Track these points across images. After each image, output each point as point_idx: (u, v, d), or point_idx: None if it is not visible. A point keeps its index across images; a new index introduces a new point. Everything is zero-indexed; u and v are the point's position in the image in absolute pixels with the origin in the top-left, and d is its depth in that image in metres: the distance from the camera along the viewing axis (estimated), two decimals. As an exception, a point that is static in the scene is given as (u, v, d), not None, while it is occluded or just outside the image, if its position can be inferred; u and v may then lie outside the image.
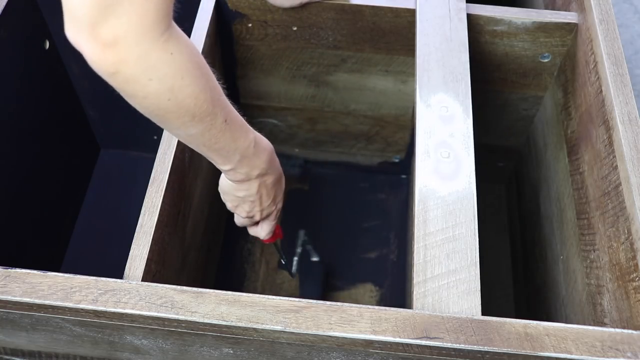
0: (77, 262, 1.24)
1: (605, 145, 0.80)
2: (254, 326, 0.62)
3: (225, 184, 0.80)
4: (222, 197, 0.83)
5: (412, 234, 0.72)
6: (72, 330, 0.72)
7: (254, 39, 1.04)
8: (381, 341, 0.62)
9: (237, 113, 0.70)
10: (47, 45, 1.13)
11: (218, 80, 0.66)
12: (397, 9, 0.96)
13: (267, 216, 0.86)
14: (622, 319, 0.71)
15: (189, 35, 0.92)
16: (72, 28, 0.54)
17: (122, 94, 0.60)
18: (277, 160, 0.80)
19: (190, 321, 0.63)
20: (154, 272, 0.74)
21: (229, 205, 0.84)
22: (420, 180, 0.75)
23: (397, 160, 1.28)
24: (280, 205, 0.87)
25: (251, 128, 0.73)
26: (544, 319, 0.74)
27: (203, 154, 0.71)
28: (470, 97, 0.83)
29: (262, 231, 0.89)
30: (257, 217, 0.85)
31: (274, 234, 0.92)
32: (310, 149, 1.27)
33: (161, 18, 0.54)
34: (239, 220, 0.88)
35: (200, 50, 0.90)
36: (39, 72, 1.12)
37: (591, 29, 0.88)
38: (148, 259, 0.71)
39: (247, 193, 0.79)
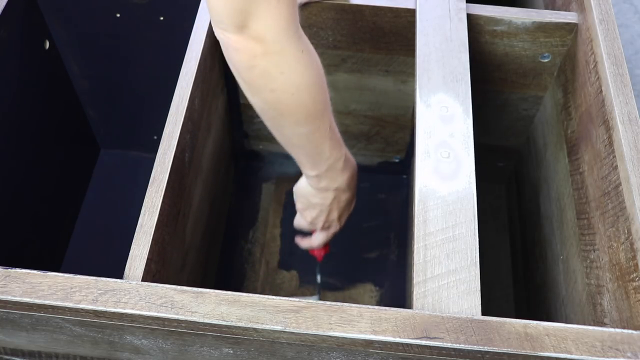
0: (77, 262, 1.24)
1: (605, 145, 0.80)
2: (254, 326, 0.62)
3: (303, 187, 0.84)
4: (294, 197, 0.88)
5: (412, 234, 0.72)
6: (72, 330, 0.72)
7: (254, 39, 1.04)
8: (381, 341, 0.62)
9: (336, 126, 0.75)
10: (47, 45, 1.13)
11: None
12: (397, 9, 0.96)
13: (327, 229, 0.90)
14: (622, 319, 0.71)
15: (189, 35, 0.92)
16: (220, 30, 0.62)
17: (251, 87, 0.67)
18: (356, 181, 0.85)
19: (190, 321, 0.63)
20: (154, 272, 0.74)
21: (299, 207, 0.89)
22: (420, 180, 0.75)
23: (397, 160, 1.28)
24: (342, 223, 0.91)
25: (344, 144, 0.78)
26: (544, 319, 0.74)
27: (296, 156, 0.76)
28: (470, 97, 0.83)
29: (316, 240, 0.93)
30: (319, 227, 0.90)
31: (324, 249, 0.97)
32: (310, 149, 1.27)
33: (293, 18, 0.62)
34: (299, 222, 0.92)
35: (200, 51, 0.90)
36: (39, 72, 1.12)
37: (591, 29, 0.88)
38: (148, 259, 0.71)
39: (321, 202, 0.84)
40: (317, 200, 0.84)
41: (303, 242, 0.98)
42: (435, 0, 0.93)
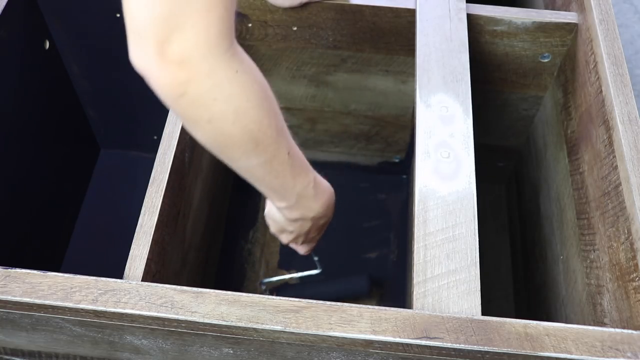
0: (77, 262, 1.24)
1: (605, 145, 0.80)
2: (254, 326, 0.62)
3: (274, 214, 0.77)
4: (266, 220, 0.81)
5: (412, 234, 0.72)
6: (72, 330, 0.72)
7: (254, 39, 1.04)
8: (381, 341, 0.62)
9: (298, 149, 0.67)
10: (47, 45, 1.13)
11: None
12: (397, 9, 0.96)
13: (309, 242, 0.85)
14: (622, 319, 0.71)
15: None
16: (139, 49, 0.52)
17: (186, 121, 0.57)
18: (333, 200, 0.77)
19: (190, 321, 0.63)
20: (154, 272, 0.74)
21: (273, 230, 0.81)
22: (420, 180, 0.75)
23: (397, 160, 1.28)
24: (322, 233, 0.85)
25: (311, 168, 0.70)
26: (544, 319, 0.74)
27: (260, 189, 0.68)
28: (470, 97, 0.83)
29: (300, 249, 0.87)
30: (299, 243, 0.84)
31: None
32: (310, 149, 1.27)
33: (224, 33, 0.52)
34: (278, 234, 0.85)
35: (200, 50, 0.90)
36: (39, 72, 1.12)
37: (591, 29, 0.88)
38: (148, 259, 0.71)
39: (297, 229, 0.77)
40: (292, 228, 0.77)
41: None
42: (435, 0, 0.93)
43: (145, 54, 0.52)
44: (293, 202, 0.70)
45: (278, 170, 0.64)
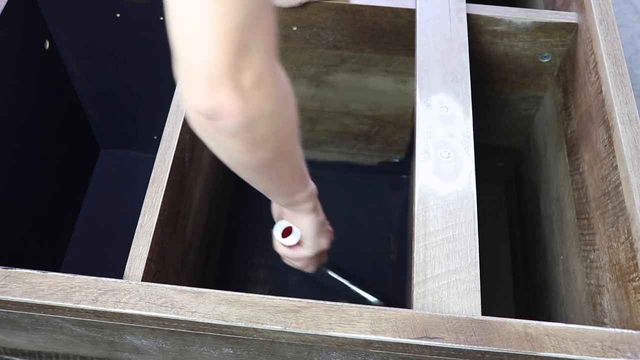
0: (77, 262, 1.24)
1: (605, 145, 0.80)
2: (254, 326, 0.62)
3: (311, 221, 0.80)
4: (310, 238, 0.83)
5: (412, 234, 0.72)
6: (72, 330, 0.72)
7: (254, 39, 1.04)
8: (381, 341, 0.62)
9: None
10: (47, 45, 1.13)
11: None
12: (397, 9, 0.96)
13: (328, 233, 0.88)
14: (622, 319, 0.71)
15: (189, 35, 0.92)
16: (207, 88, 0.46)
17: (252, 148, 0.53)
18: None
19: (190, 321, 0.63)
20: (154, 272, 0.74)
21: (314, 247, 0.84)
22: (420, 180, 0.75)
23: (397, 160, 1.28)
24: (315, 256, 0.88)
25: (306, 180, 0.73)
26: (544, 319, 0.74)
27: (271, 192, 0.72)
28: (470, 97, 0.83)
29: (314, 264, 0.90)
30: (326, 244, 0.88)
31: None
32: (310, 149, 1.27)
33: (272, 57, 0.49)
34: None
35: (200, 50, 0.90)
36: (39, 72, 1.12)
37: (591, 29, 0.88)
38: (148, 259, 0.71)
39: (319, 224, 0.82)
40: (317, 227, 0.82)
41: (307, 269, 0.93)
42: (435, 0, 0.93)
43: (217, 91, 0.46)
44: (313, 203, 0.78)
45: (290, 171, 0.67)
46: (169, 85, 0.89)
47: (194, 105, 0.48)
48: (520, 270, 1.17)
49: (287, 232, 0.84)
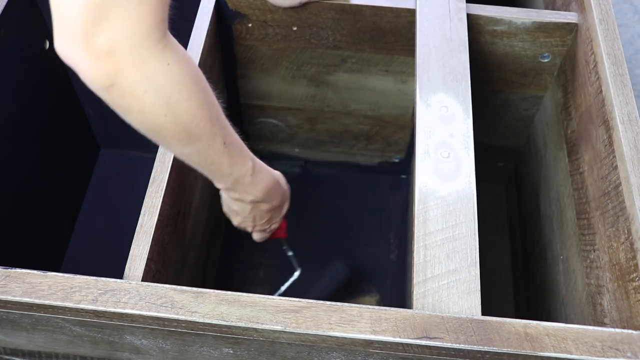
0: (77, 262, 1.24)
1: (605, 145, 0.80)
2: (254, 326, 0.63)
3: (222, 194, 0.80)
4: (221, 200, 0.84)
5: (412, 234, 0.72)
6: (72, 330, 0.72)
7: (254, 39, 1.04)
8: (381, 341, 0.62)
9: (238, 137, 0.68)
10: (47, 45, 1.13)
11: (218, 88, 0.66)
12: (397, 9, 0.96)
13: (262, 231, 0.88)
14: (622, 319, 0.71)
15: (188, 35, 0.92)
16: (64, 39, 0.50)
17: (117, 109, 0.57)
18: (279, 190, 0.80)
19: (190, 321, 0.63)
20: (154, 272, 0.74)
21: (224, 210, 0.85)
22: (420, 180, 0.75)
23: (397, 160, 1.28)
24: (275, 226, 0.88)
25: (252, 155, 0.71)
26: (544, 319, 0.74)
27: (198, 169, 0.69)
28: (470, 97, 0.83)
29: (254, 236, 0.91)
30: (249, 230, 0.88)
31: (276, 233, 0.95)
32: (310, 149, 1.27)
33: (157, 24, 0.51)
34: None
35: (200, 51, 0.90)
36: (39, 72, 1.12)
37: (591, 29, 0.88)
38: (148, 259, 0.71)
39: (240, 210, 0.80)
40: (236, 208, 0.80)
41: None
42: (435, 0, 0.93)
43: (70, 44, 0.50)
44: (229, 186, 0.72)
45: (213, 158, 0.65)
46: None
47: (55, 44, 0.52)
48: (520, 270, 1.17)
49: None
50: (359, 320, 0.63)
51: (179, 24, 0.60)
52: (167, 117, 0.57)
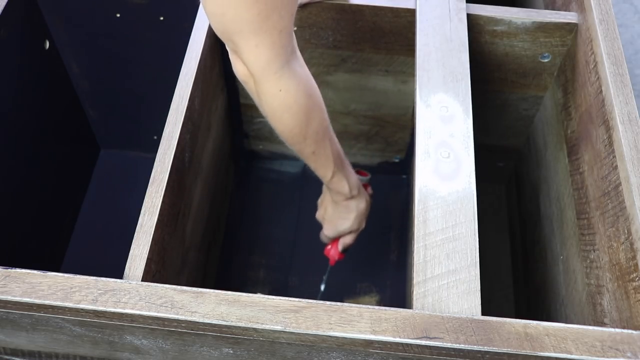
0: (77, 262, 1.24)
1: (605, 145, 0.80)
2: (254, 326, 0.63)
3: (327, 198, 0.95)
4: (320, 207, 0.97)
5: (412, 234, 0.72)
6: (72, 330, 0.72)
7: (254, 39, 1.04)
8: (381, 341, 0.62)
9: (333, 150, 0.82)
10: (47, 45, 1.13)
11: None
12: (397, 9, 0.96)
13: (357, 232, 0.98)
14: (622, 319, 0.71)
15: (189, 35, 0.92)
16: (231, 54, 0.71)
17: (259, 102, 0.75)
18: (363, 190, 0.93)
19: (190, 321, 0.63)
20: (154, 272, 0.74)
21: (318, 215, 0.98)
22: (420, 180, 0.75)
23: (397, 160, 1.28)
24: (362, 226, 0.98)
25: (341, 166, 0.85)
26: (544, 319, 0.74)
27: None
28: (470, 97, 0.83)
29: (349, 239, 0.99)
30: (354, 231, 0.98)
31: (341, 255, 1.03)
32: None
33: (275, 57, 0.67)
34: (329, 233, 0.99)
35: (200, 51, 0.90)
36: (39, 72, 1.12)
37: (591, 29, 0.88)
38: (148, 259, 0.71)
39: (350, 211, 0.93)
40: (344, 210, 0.93)
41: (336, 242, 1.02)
42: (435, 0, 0.93)
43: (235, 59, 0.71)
44: (326, 181, 0.88)
45: (304, 159, 0.82)
46: (169, 85, 0.89)
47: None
48: (520, 270, 1.17)
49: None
50: (359, 320, 0.63)
51: (179, 24, 0.60)
52: (273, 124, 0.75)
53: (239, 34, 0.65)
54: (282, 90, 0.70)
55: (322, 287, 1.11)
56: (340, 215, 0.94)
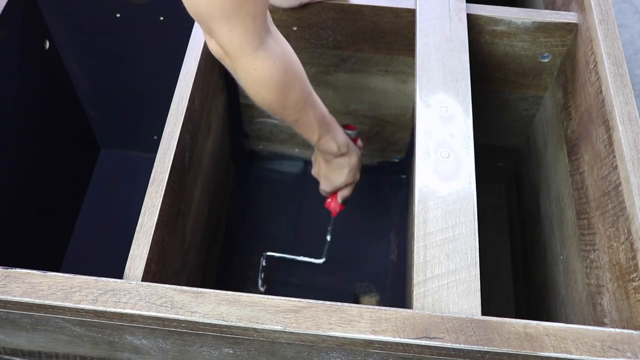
0: (77, 262, 1.24)
1: (605, 145, 0.80)
2: (254, 326, 0.63)
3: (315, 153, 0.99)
4: (323, 169, 0.99)
5: (412, 234, 0.72)
6: (72, 330, 0.72)
7: (254, 39, 1.04)
8: (381, 341, 0.62)
9: (316, 114, 0.85)
10: (47, 45, 1.13)
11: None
12: (397, 9, 0.96)
13: (352, 184, 1.01)
14: (622, 319, 0.71)
15: (189, 35, 0.92)
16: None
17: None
18: (352, 145, 0.95)
19: (190, 321, 0.63)
20: (154, 272, 0.74)
21: (313, 171, 1.01)
22: (420, 180, 0.75)
23: (397, 160, 1.28)
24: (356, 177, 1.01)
25: (326, 129, 0.88)
26: (544, 319, 0.74)
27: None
28: (470, 97, 0.83)
29: (347, 192, 1.02)
30: (350, 184, 1.01)
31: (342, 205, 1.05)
32: (311, 149, 1.27)
33: (250, 38, 0.69)
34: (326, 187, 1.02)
35: (200, 51, 0.90)
36: (39, 72, 1.12)
37: (591, 29, 0.88)
38: (148, 259, 0.71)
39: (342, 167, 0.96)
40: (335, 167, 0.96)
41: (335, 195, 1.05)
42: (435, 0, 0.93)
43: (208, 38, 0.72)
44: (314, 144, 0.91)
45: (290, 126, 0.84)
46: (169, 85, 0.89)
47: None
48: (520, 270, 1.17)
49: None
50: (359, 320, 0.63)
51: (179, 24, 0.60)
52: (252, 97, 0.77)
53: (212, 19, 0.66)
54: (257, 69, 0.72)
55: (328, 238, 1.11)
56: (333, 171, 0.97)
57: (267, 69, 0.72)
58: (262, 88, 0.75)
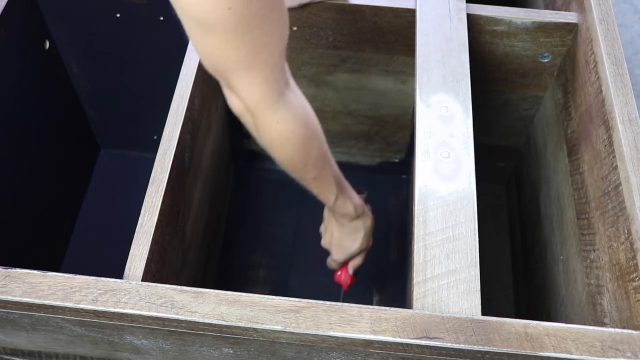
0: (77, 262, 1.24)
1: (605, 145, 0.80)
2: (254, 326, 0.63)
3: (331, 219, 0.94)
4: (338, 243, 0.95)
5: (412, 234, 0.72)
6: (72, 330, 0.72)
7: (254, 39, 1.04)
8: (381, 341, 0.62)
9: (333, 173, 0.82)
10: (47, 45, 1.13)
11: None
12: (397, 9, 0.96)
13: (365, 251, 0.97)
14: (622, 319, 0.71)
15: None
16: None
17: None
18: (367, 210, 0.92)
19: (190, 321, 0.63)
20: (154, 272, 0.74)
21: (324, 242, 0.97)
22: (420, 180, 0.75)
23: (397, 160, 1.28)
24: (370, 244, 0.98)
25: (342, 189, 0.86)
26: (544, 319, 0.74)
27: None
28: (470, 97, 0.83)
29: (359, 260, 0.98)
30: (362, 251, 0.97)
31: (352, 278, 1.01)
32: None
33: (270, 91, 0.68)
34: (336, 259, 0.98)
35: (200, 50, 0.90)
36: (39, 72, 1.12)
37: (591, 29, 0.88)
38: (148, 259, 0.71)
39: (356, 231, 0.93)
40: (349, 232, 0.93)
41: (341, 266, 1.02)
42: (435, 0, 0.93)
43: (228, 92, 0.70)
44: (330, 207, 0.88)
45: (306, 184, 0.81)
46: (169, 85, 0.89)
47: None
48: (520, 270, 1.17)
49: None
50: (359, 320, 0.63)
51: (179, 24, 0.60)
52: (273, 154, 0.75)
53: (230, 72, 0.65)
54: (279, 123, 0.70)
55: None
56: (348, 237, 0.93)
57: (289, 122, 0.71)
58: (284, 142, 0.73)
